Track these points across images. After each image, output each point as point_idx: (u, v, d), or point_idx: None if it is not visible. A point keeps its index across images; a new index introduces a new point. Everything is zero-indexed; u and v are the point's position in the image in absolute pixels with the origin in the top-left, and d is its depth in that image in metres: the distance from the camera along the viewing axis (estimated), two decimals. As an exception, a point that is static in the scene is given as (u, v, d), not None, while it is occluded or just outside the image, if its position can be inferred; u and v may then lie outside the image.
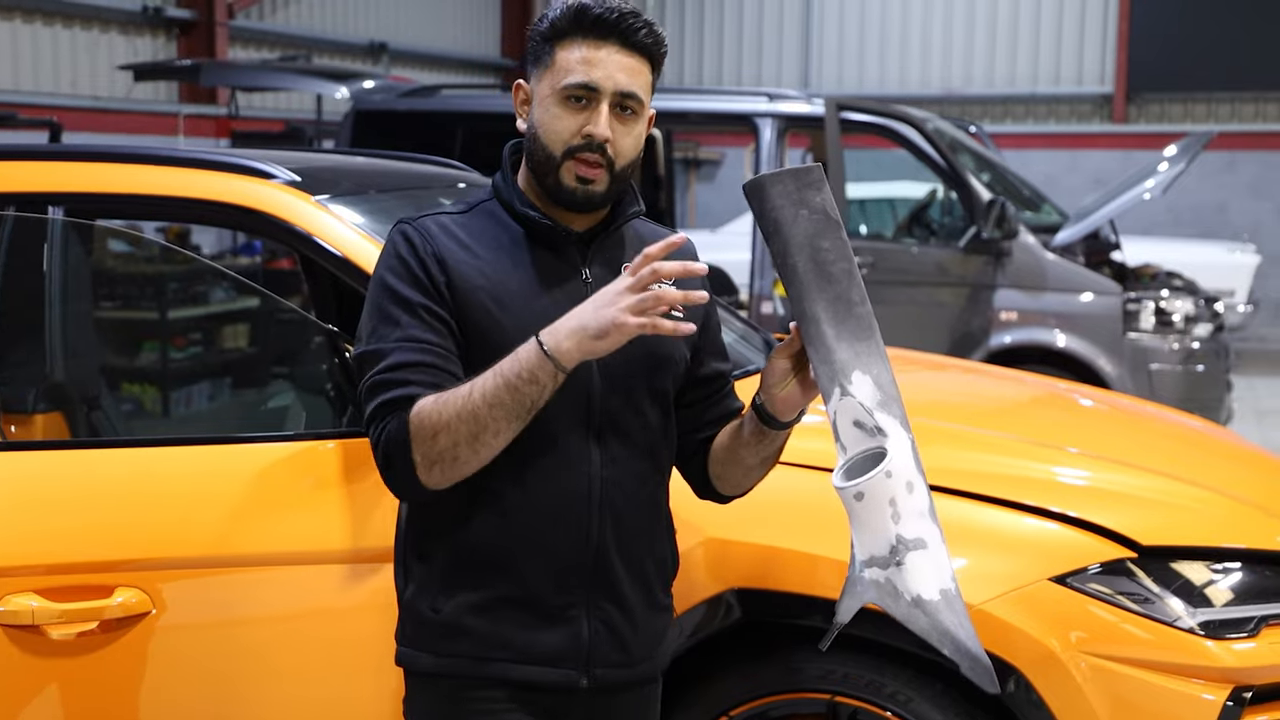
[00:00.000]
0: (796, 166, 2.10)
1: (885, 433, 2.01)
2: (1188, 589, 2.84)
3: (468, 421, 1.99)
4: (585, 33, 2.10)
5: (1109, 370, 7.30)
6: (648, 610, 2.25)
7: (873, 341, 2.06)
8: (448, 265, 2.11)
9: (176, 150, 3.30)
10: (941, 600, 1.96)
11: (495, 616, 2.14)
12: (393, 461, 2.05)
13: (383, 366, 2.07)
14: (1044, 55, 16.08)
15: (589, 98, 2.10)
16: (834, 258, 2.05)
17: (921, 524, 1.99)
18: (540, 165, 2.14)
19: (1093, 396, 4.37)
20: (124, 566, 2.63)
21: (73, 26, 11.10)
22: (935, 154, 7.53)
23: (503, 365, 1.99)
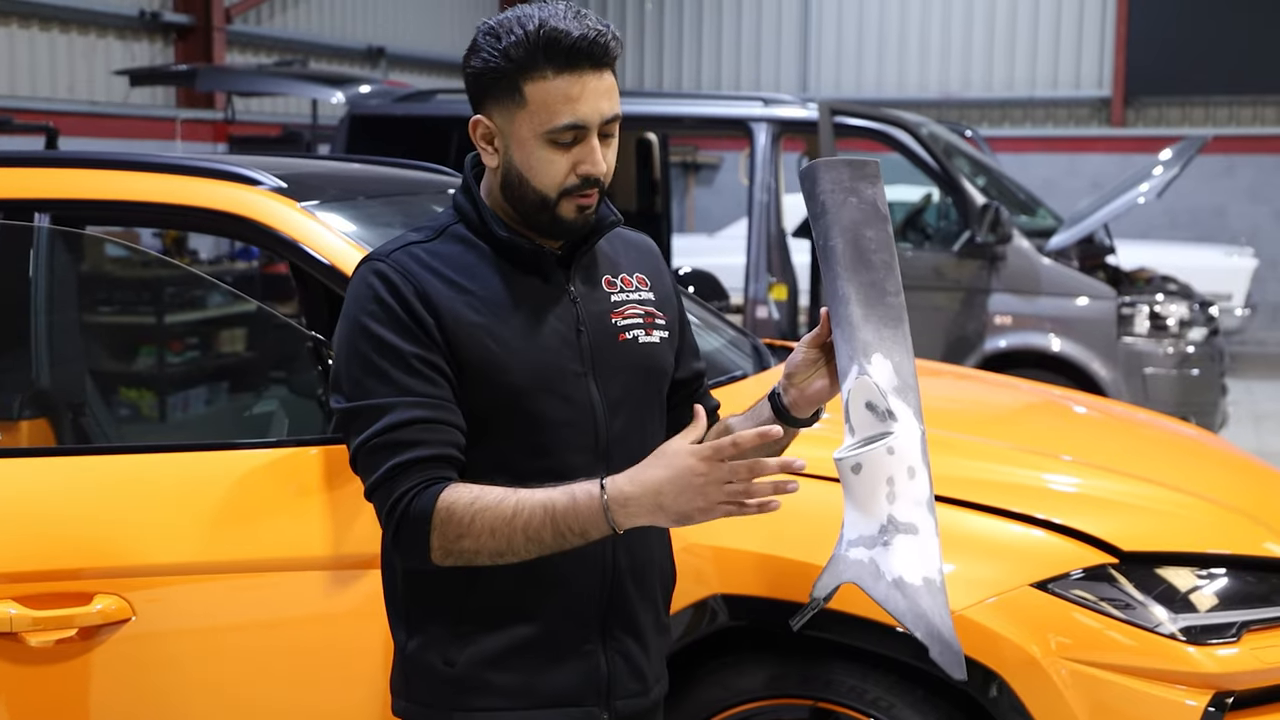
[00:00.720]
0: (854, 158, 2.06)
1: (896, 418, 1.96)
2: (1170, 594, 2.84)
3: (500, 541, 1.89)
4: (558, 65, 1.95)
5: (1103, 374, 7.29)
6: (656, 633, 2.19)
7: (900, 331, 2.01)
8: (435, 303, 1.98)
9: (162, 156, 3.29)
10: (923, 586, 1.90)
11: (515, 664, 2.05)
12: (405, 538, 1.94)
13: (382, 427, 1.94)
14: (1042, 59, 16.08)
15: (577, 135, 1.97)
16: (875, 247, 2.02)
17: (917, 511, 1.94)
18: (533, 207, 2.02)
19: (1086, 403, 4.37)
20: (103, 573, 2.63)
21: (69, 31, 11.11)
22: (929, 158, 7.53)
23: (556, 505, 1.87)
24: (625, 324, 2.11)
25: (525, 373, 2.00)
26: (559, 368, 2.04)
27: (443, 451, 1.95)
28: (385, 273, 2.00)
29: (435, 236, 2.08)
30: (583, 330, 2.07)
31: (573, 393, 2.04)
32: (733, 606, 2.84)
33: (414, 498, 1.92)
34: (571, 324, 2.05)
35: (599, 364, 2.07)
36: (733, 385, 3.66)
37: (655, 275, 2.21)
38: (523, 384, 2.00)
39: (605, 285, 2.13)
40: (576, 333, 2.06)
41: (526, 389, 2.00)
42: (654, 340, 2.14)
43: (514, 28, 1.96)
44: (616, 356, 2.09)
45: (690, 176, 16.81)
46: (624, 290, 2.14)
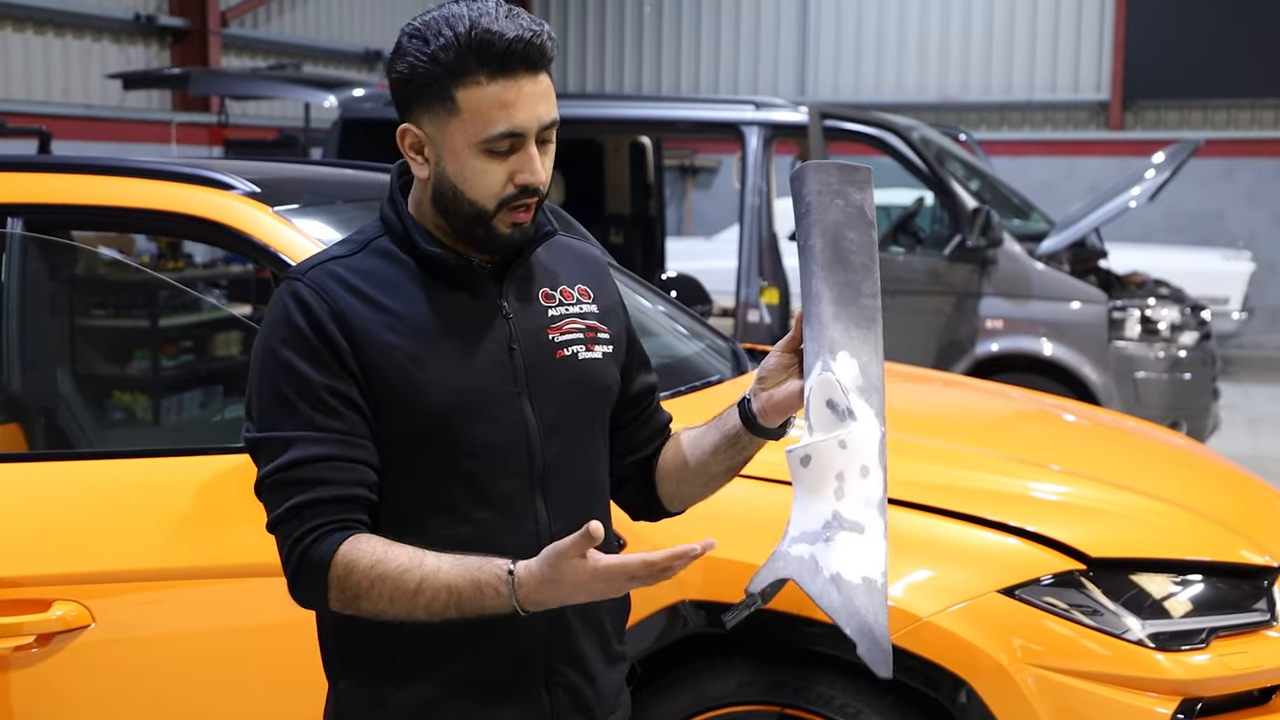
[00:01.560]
0: (846, 162, 1.99)
1: (856, 416, 1.87)
2: (1139, 601, 2.84)
3: (399, 613, 1.79)
4: (492, 70, 1.83)
5: (1094, 379, 7.27)
6: (606, 665, 2.05)
7: (871, 333, 1.94)
8: (351, 326, 1.86)
9: (135, 161, 3.29)
10: (861, 585, 1.79)
11: (451, 705, 1.92)
12: (302, 584, 1.84)
13: (286, 462, 1.83)
14: (1040, 62, 16.07)
15: (514, 144, 1.86)
16: (855, 249, 1.94)
17: (867, 511, 1.83)
18: (468, 220, 1.89)
19: (1074, 411, 4.36)
20: (62, 580, 2.62)
21: (64, 35, 11.12)
22: (920, 162, 7.52)
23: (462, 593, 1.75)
24: (563, 339, 1.98)
25: (449, 395, 1.87)
26: (487, 389, 1.91)
27: (347, 492, 1.83)
28: (300, 293, 1.88)
29: (358, 251, 1.95)
30: (515, 348, 1.94)
31: (504, 415, 1.91)
32: (700, 612, 2.83)
33: (312, 543, 1.81)
34: (503, 341, 1.93)
35: (534, 383, 1.94)
36: (709, 389, 3.66)
37: (599, 286, 2.08)
38: (446, 407, 1.87)
39: (542, 299, 2.00)
40: (509, 351, 1.93)
41: (451, 412, 1.88)
42: (595, 356, 2.01)
43: (443, 29, 1.83)
44: (553, 374, 1.96)
45: (688, 180, 16.80)
46: (563, 304, 2.01)
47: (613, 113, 9.11)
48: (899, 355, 6.61)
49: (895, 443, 3.39)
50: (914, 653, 2.73)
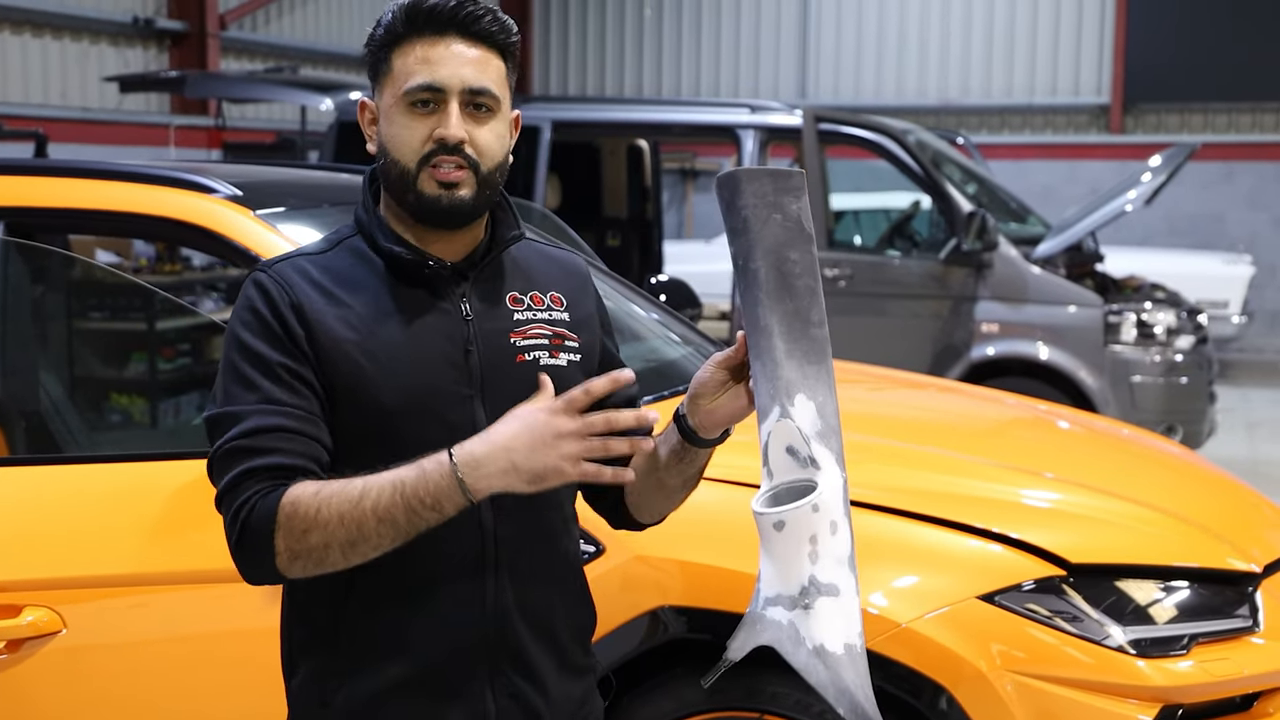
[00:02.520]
0: (777, 168, 1.94)
1: (819, 465, 1.85)
2: (1120, 607, 2.83)
3: (350, 529, 1.76)
4: (420, 30, 1.90)
5: (1090, 383, 7.26)
6: (562, 675, 2.02)
7: (823, 367, 1.90)
8: (308, 317, 1.89)
9: (117, 164, 3.29)
10: (845, 655, 1.80)
11: (392, 704, 1.92)
12: (249, 544, 1.81)
13: (238, 432, 1.83)
14: (1041, 66, 16.05)
15: (435, 99, 1.89)
16: (800, 271, 1.89)
17: (839, 570, 1.83)
18: (396, 183, 1.92)
19: (1067, 418, 4.33)
20: (33, 585, 2.61)
21: (62, 38, 11.12)
22: (915, 165, 7.51)
23: (405, 479, 1.76)
24: (526, 344, 1.97)
25: (397, 392, 1.88)
26: (438, 389, 1.91)
27: (298, 462, 1.83)
28: (263, 283, 1.92)
29: (329, 249, 1.98)
30: (472, 350, 1.93)
31: (454, 416, 1.90)
32: (681, 618, 2.82)
33: (259, 501, 1.80)
34: (460, 342, 1.93)
35: (489, 386, 1.93)
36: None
37: (575, 296, 2.07)
38: (393, 404, 1.88)
39: (510, 303, 1.99)
40: (465, 352, 1.93)
41: (398, 410, 1.89)
42: (559, 363, 1.98)
43: (391, 7, 1.94)
44: (511, 379, 1.93)
45: (689, 183, 16.79)
46: (531, 309, 2.00)
47: (609, 116, 9.12)
48: (895, 359, 6.61)
49: (883, 448, 3.42)
50: (893, 659, 2.72)
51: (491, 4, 1.95)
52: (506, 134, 1.97)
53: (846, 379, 4.54)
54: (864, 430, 3.76)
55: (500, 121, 1.94)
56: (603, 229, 9.43)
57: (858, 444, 3.50)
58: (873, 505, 2.90)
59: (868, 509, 2.90)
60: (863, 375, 4.68)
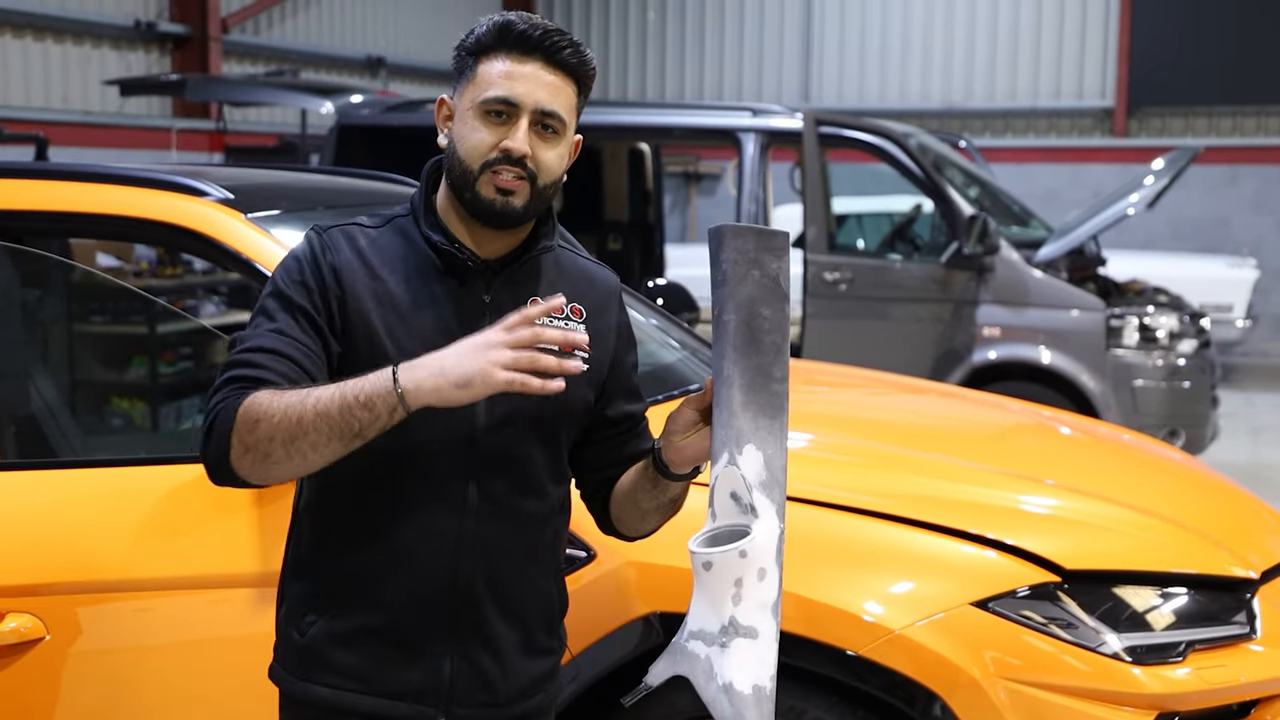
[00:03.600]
0: (764, 228, 2.04)
1: (758, 514, 1.97)
2: (1115, 614, 2.80)
3: (291, 422, 1.88)
4: (509, 49, 2.06)
5: (1092, 387, 7.23)
6: (523, 653, 2.17)
7: (778, 422, 2.00)
8: (343, 280, 2.06)
9: (107, 167, 3.27)
10: (752, 696, 1.92)
11: (355, 647, 2.09)
12: (211, 438, 1.94)
13: (244, 348, 2.00)
14: (1044, 69, 16.03)
15: (509, 113, 2.04)
16: (769, 327, 1.99)
17: (760, 615, 1.95)
18: (458, 180, 2.07)
19: (1070, 423, 4.30)
20: (15, 591, 2.59)
21: (64, 41, 11.12)
22: (916, 169, 7.48)
23: (349, 380, 1.90)
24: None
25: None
26: None
27: (280, 381, 1.95)
28: (313, 240, 2.10)
29: (383, 224, 2.14)
30: None
31: None
32: (669, 625, 2.80)
33: (230, 399, 1.93)
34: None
35: None
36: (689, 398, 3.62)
37: (597, 309, 2.20)
38: None
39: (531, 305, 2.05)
40: None
41: None
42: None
43: (486, 21, 2.10)
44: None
45: (692, 187, 16.78)
46: (551, 315, 2.06)
47: (610, 119, 9.08)
48: (895, 363, 6.59)
49: (878, 453, 3.40)
50: (886, 666, 2.69)
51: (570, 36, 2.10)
52: (566, 155, 2.12)
53: (845, 383, 4.55)
54: (861, 435, 3.75)
55: (564, 144, 2.10)
56: (604, 233, 9.41)
57: (854, 449, 3.53)
58: (866, 511, 2.89)
59: (860, 514, 2.88)
60: (862, 380, 4.66)
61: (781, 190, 11.31)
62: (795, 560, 2.77)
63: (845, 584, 2.76)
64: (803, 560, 2.78)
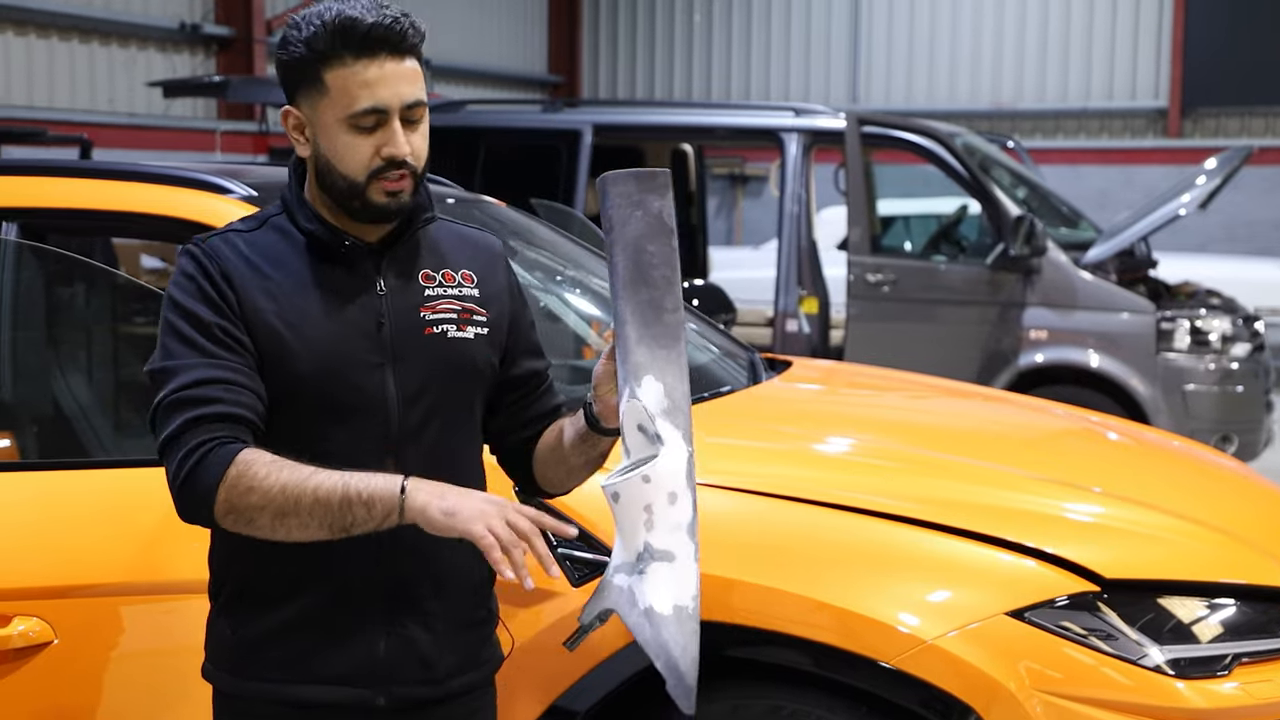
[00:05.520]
0: (643, 170, 2.09)
1: (663, 441, 2.01)
2: (1158, 625, 2.70)
3: (288, 499, 1.93)
4: (355, 51, 2.03)
5: (1142, 391, 7.10)
6: (459, 625, 2.20)
7: (674, 351, 2.05)
8: (236, 285, 2.07)
9: (132, 165, 3.27)
10: (672, 615, 1.97)
11: (289, 637, 2.11)
12: (194, 487, 1.97)
13: (182, 383, 2.00)
14: (1096, 69, 15.85)
15: (380, 119, 2.04)
16: (657, 262, 2.05)
17: (675, 537, 1.99)
18: (343, 193, 2.08)
19: (1118, 429, 4.18)
20: (23, 594, 2.55)
21: (110, 44, 11.19)
22: (962, 169, 7.38)
23: (352, 475, 1.94)
24: (434, 318, 2.14)
25: (312, 360, 2.05)
26: (351, 357, 2.08)
27: (238, 411, 1.99)
28: (195, 254, 2.09)
29: (257, 226, 2.15)
30: (384, 322, 2.10)
31: (365, 383, 2.08)
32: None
33: (210, 450, 1.95)
34: (373, 315, 2.10)
35: (399, 356, 2.11)
36: (718, 400, 3.56)
37: (486, 273, 2.24)
38: (308, 371, 2.05)
39: (422, 279, 2.16)
40: (377, 324, 2.10)
41: (312, 375, 2.06)
42: (466, 336, 2.16)
43: (314, 19, 2.05)
44: (420, 350, 2.13)
45: (738, 189, 16.71)
46: (442, 285, 2.17)
47: (652, 119, 9.05)
48: (940, 367, 6.49)
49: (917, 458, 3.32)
50: (918, 677, 2.60)
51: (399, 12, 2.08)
52: (428, 128, 2.14)
53: (887, 387, 4.46)
54: (900, 439, 3.65)
55: (425, 121, 2.12)
56: (646, 234, 9.34)
57: (892, 453, 3.44)
58: (898, 517, 2.80)
59: (894, 520, 2.80)
60: (904, 383, 4.57)
61: (827, 192, 11.22)
62: (826, 566, 2.72)
63: (875, 592, 2.68)
64: (833, 567, 2.72)
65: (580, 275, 4.20)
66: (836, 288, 7.64)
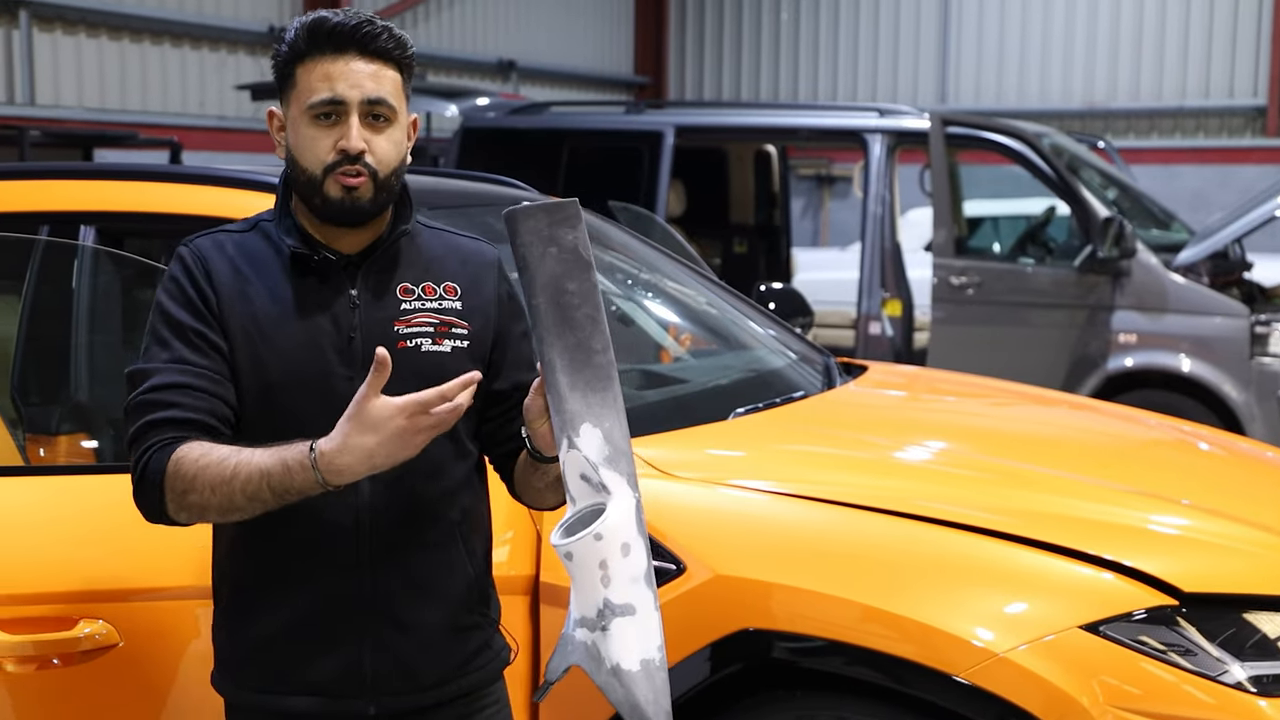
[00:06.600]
0: (552, 201, 2.05)
1: (609, 490, 1.97)
2: (1240, 640, 2.61)
3: (222, 499, 1.97)
4: (322, 48, 2.08)
5: (1235, 396, 6.94)
6: (444, 633, 2.19)
7: (609, 393, 2.01)
8: (217, 286, 2.11)
9: (207, 169, 3.29)
10: (640, 671, 1.95)
11: (274, 648, 2.13)
12: (144, 491, 2.04)
13: (148, 386, 2.05)
14: (1193, 67, 15.53)
15: (337, 112, 2.08)
16: (578, 302, 2.00)
17: (633, 590, 1.96)
18: (304, 188, 2.11)
19: (1209, 439, 4.06)
20: (89, 597, 2.57)
21: (200, 48, 11.35)
22: (1049, 170, 7.26)
23: (271, 472, 1.94)
24: (408, 332, 2.14)
25: (280, 369, 2.08)
26: (320, 370, 2.10)
27: (196, 416, 2.03)
28: (184, 255, 2.14)
29: (248, 229, 2.19)
30: (354, 336, 2.11)
31: (333, 396, 2.07)
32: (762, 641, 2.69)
33: (152, 455, 2.01)
34: (345, 328, 2.11)
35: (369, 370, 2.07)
36: (790, 405, 3.52)
37: (473, 284, 2.23)
38: (278, 381, 2.08)
39: (399, 293, 2.16)
40: (348, 338, 2.11)
41: (279, 385, 2.09)
42: (442, 350, 2.15)
43: (296, 24, 2.13)
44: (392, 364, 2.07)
45: (825, 190, 16.59)
46: (421, 298, 2.17)
47: (734, 120, 9.01)
48: (1026, 371, 6.40)
49: (995, 467, 3.25)
50: (987, 690, 2.54)
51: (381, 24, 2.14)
52: (403, 139, 2.16)
53: (970, 393, 4.38)
54: (981, 448, 3.59)
55: (397, 129, 2.13)
56: (729, 236, 9.32)
57: (972, 462, 3.38)
58: (971, 527, 2.75)
59: (965, 530, 2.74)
60: (988, 390, 4.49)
61: (914, 193, 11.10)
62: (894, 577, 2.67)
63: (944, 603, 2.62)
64: (901, 578, 2.67)
65: (654, 279, 4.18)
66: (922, 290, 7.56)
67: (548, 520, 2.65)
